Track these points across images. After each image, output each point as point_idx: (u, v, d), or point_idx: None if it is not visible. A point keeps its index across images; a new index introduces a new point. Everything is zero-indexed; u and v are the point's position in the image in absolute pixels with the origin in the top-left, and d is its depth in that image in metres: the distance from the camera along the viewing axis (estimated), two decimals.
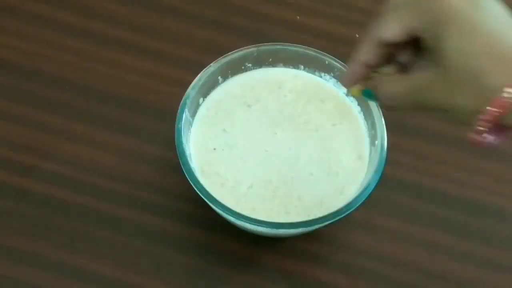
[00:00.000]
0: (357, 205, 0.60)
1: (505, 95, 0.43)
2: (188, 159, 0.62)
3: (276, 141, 0.65)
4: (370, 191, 0.61)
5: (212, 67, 0.66)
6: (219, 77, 0.67)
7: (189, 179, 0.61)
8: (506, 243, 0.68)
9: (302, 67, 0.68)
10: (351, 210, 0.60)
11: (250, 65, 0.68)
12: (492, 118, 0.44)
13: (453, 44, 0.45)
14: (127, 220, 0.68)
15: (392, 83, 0.50)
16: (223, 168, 0.64)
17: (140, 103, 0.73)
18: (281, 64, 0.68)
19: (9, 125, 0.72)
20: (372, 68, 0.53)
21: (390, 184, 0.69)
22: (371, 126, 0.65)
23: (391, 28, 0.49)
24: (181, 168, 0.61)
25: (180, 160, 0.61)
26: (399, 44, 0.50)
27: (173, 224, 0.68)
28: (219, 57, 0.66)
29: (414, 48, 0.51)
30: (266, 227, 0.60)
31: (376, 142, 0.64)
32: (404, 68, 0.52)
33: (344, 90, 0.67)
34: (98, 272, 0.66)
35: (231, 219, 0.61)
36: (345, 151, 0.65)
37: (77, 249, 0.67)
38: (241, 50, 0.66)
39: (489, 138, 0.47)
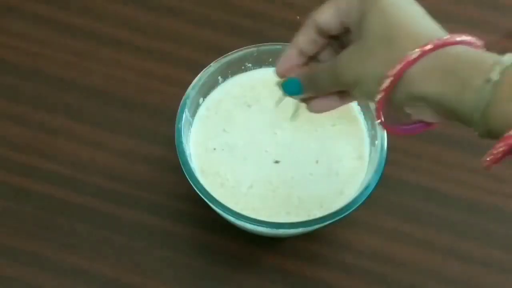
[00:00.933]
0: (357, 205, 0.60)
1: (411, 54, 0.47)
2: (188, 159, 0.62)
3: (276, 141, 0.65)
4: (370, 191, 0.61)
5: (212, 67, 0.66)
6: (219, 77, 0.67)
7: (189, 179, 0.61)
8: (506, 243, 0.68)
9: None
10: (351, 210, 0.60)
11: (250, 65, 0.68)
12: (389, 84, 0.48)
13: (373, 18, 0.49)
14: (127, 220, 0.68)
15: (320, 65, 0.54)
16: (223, 168, 0.64)
17: (140, 103, 0.73)
18: None
19: (9, 125, 0.72)
20: (306, 58, 0.56)
21: (390, 184, 0.69)
22: (371, 126, 0.65)
23: (327, 12, 0.53)
24: (181, 168, 0.61)
25: (180, 160, 0.61)
26: (333, 35, 0.54)
27: (173, 224, 0.68)
28: (219, 57, 0.66)
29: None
30: (266, 227, 0.60)
31: (376, 142, 0.64)
32: None
33: None
34: (98, 272, 0.66)
35: (231, 219, 0.61)
36: (345, 151, 0.65)
37: (77, 249, 0.67)
38: (241, 50, 0.66)
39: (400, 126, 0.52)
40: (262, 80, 0.68)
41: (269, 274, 0.66)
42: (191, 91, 0.65)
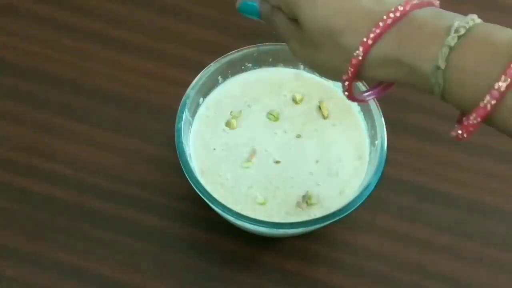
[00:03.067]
0: (357, 205, 0.60)
1: (359, 53, 0.47)
2: (188, 159, 0.62)
3: (276, 141, 0.65)
4: (370, 191, 0.61)
5: (212, 67, 0.66)
6: (219, 77, 0.67)
7: (189, 179, 0.61)
8: (506, 243, 0.68)
9: (302, 67, 0.68)
10: (351, 210, 0.60)
11: (250, 65, 0.68)
12: (351, 75, 0.48)
13: (307, 11, 0.48)
14: (127, 220, 0.68)
15: (281, 20, 0.52)
16: (223, 168, 0.64)
17: (140, 103, 0.73)
18: (281, 64, 0.68)
19: (9, 125, 0.72)
20: None
21: (390, 184, 0.69)
22: (371, 126, 0.65)
23: None
24: (181, 168, 0.61)
25: (180, 160, 0.61)
26: None
27: (173, 224, 0.68)
28: (219, 57, 0.66)
29: None
30: (266, 227, 0.60)
31: (376, 142, 0.64)
32: None
33: None
34: (98, 272, 0.66)
35: (231, 219, 0.61)
36: (345, 151, 0.65)
37: (77, 249, 0.67)
38: (241, 50, 0.67)
39: (363, 95, 0.53)
40: (262, 80, 0.68)
41: (269, 274, 0.67)
42: (191, 91, 0.65)
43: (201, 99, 0.66)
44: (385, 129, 0.63)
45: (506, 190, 0.71)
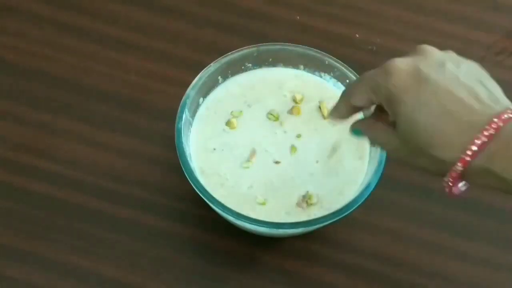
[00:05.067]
0: (357, 205, 0.60)
1: (458, 168, 0.49)
2: (188, 159, 0.62)
3: (276, 141, 0.65)
4: (370, 191, 0.61)
5: (212, 67, 0.66)
6: (219, 77, 0.67)
7: (189, 179, 0.61)
8: (506, 243, 0.68)
9: (302, 67, 0.68)
10: (351, 210, 0.60)
11: (250, 65, 0.68)
12: (452, 184, 0.50)
13: (401, 122, 0.50)
14: (127, 220, 0.68)
15: (380, 133, 0.55)
16: (223, 168, 0.64)
17: (140, 103, 0.73)
18: (281, 64, 0.68)
19: (9, 125, 0.72)
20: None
21: (390, 184, 0.69)
22: None
23: (358, 98, 0.54)
24: (181, 168, 0.61)
25: (180, 160, 0.61)
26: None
27: (173, 224, 0.68)
28: (219, 57, 0.66)
29: None
30: (266, 227, 0.60)
31: None
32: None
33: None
34: (98, 272, 0.66)
35: (231, 219, 0.61)
36: (345, 151, 0.65)
37: (77, 249, 0.67)
38: (241, 50, 0.67)
39: (460, 189, 0.52)
40: (262, 80, 0.68)
41: (269, 274, 0.66)
42: (191, 91, 0.65)
43: (201, 99, 0.66)
44: None
45: None
